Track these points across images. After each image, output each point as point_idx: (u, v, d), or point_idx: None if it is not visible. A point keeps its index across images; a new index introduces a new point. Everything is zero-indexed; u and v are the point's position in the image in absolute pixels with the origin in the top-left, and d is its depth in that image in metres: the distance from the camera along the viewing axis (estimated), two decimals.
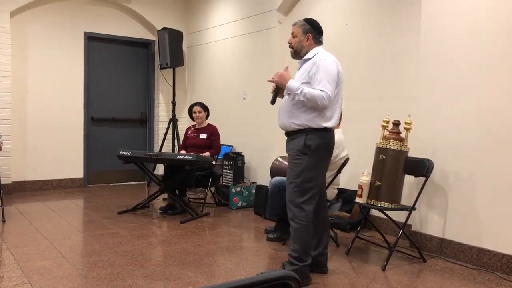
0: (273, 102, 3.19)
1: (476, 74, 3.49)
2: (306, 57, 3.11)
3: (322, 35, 3.19)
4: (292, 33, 3.16)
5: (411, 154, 3.60)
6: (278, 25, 5.60)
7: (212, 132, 5.35)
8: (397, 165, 3.49)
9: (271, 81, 3.11)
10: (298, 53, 3.17)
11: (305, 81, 2.99)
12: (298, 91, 2.92)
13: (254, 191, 5.42)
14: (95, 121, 6.92)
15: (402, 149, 3.49)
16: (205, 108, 5.46)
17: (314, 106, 2.92)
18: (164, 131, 6.77)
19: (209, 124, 5.48)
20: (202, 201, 5.26)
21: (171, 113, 6.75)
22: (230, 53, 6.42)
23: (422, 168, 3.60)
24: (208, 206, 5.40)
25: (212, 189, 5.54)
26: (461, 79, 3.58)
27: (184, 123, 7.10)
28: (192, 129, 5.50)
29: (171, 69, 6.80)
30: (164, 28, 6.67)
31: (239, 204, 5.44)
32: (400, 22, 4.27)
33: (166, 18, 7.15)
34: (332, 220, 4.40)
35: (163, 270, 3.24)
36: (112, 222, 4.63)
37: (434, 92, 3.78)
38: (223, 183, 5.81)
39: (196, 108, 5.43)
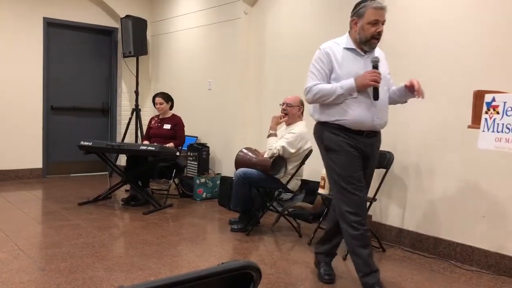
0: (377, 97, 2.64)
1: (436, 71, 3.59)
2: (377, 48, 2.76)
3: None
4: (384, 21, 2.64)
5: None
6: (244, 15, 5.57)
7: (176, 122, 5.29)
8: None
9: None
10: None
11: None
12: None
13: (218, 182, 5.41)
14: (55, 110, 6.71)
15: None
16: (168, 99, 5.39)
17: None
18: (126, 121, 6.64)
19: (173, 114, 5.41)
20: (165, 192, 5.22)
21: (134, 102, 6.63)
22: (196, 43, 6.35)
23: (383, 160, 3.68)
24: (172, 198, 5.35)
25: (176, 180, 5.49)
26: (421, 76, 3.67)
27: (148, 113, 6.99)
28: (156, 119, 5.43)
29: (135, 58, 6.67)
30: (127, 16, 6.52)
31: (204, 195, 5.42)
32: None
33: (130, 5, 6.98)
34: (295, 211, 4.46)
35: (125, 262, 3.19)
36: (73, 213, 4.53)
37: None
38: (187, 174, 5.77)
39: (158, 99, 5.35)
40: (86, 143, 4.81)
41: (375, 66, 2.62)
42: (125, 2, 6.97)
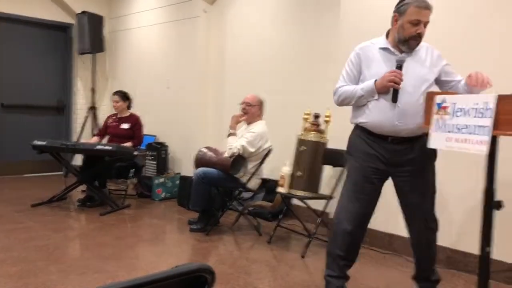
0: (396, 99, 2.44)
1: None
2: (418, 47, 2.52)
3: None
4: (427, 22, 2.44)
5: (329, 145, 3.74)
6: (204, 14, 5.53)
7: (135, 122, 5.19)
8: (317, 155, 3.61)
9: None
10: (418, 45, 2.49)
11: (432, 76, 2.50)
12: None
13: (178, 182, 5.36)
14: (7, 108, 6.44)
15: (322, 141, 3.62)
16: (125, 98, 5.27)
17: None
18: (83, 120, 6.47)
19: (131, 113, 5.31)
20: (123, 192, 5.11)
21: (90, 100, 6.46)
22: (154, 40, 6.26)
23: (340, 158, 3.74)
24: (130, 198, 5.25)
25: (134, 180, 5.39)
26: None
27: (105, 111, 6.83)
28: (114, 117, 5.30)
29: (91, 55, 6.50)
30: (83, 12, 6.35)
31: (163, 195, 5.36)
32: (324, 17, 4.39)
33: (86, 1, 6.77)
34: (254, 209, 4.48)
35: (80, 265, 3.11)
36: (25, 215, 4.36)
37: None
38: (146, 174, 5.68)
39: (114, 98, 5.23)
40: (39, 143, 4.65)
41: (398, 66, 2.43)
42: None
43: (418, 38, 2.42)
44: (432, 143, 2.20)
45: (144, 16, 6.39)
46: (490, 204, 2.01)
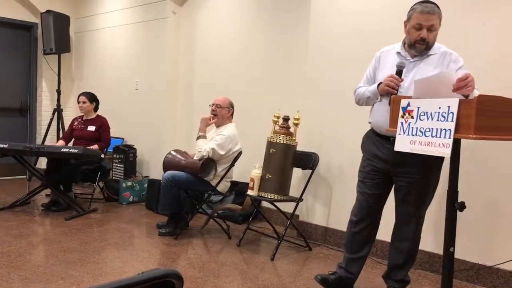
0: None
1: (361, 73, 3.74)
2: (432, 52, 2.53)
3: None
4: (432, 26, 2.45)
5: (299, 148, 3.77)
6: (173, 15, 5.49)
7: (101, 124, 5.09)
8: (286, 158, 3.63)
9: (465, 91, 2.17)
10: (428, 49, 2.51)
11: None
12: (477, 92, 2.23)
13: (146, 185, 5.29)
14: None
15: (291, 143, 3.64)
16: (93, 99, 5.16)
17: None
18: (47, 122, 6.29)
19: (98, 115, 5.20)
20: (89, 196, 5.00)
21: (55, 102, 6.29)
22: (122, 41, 6.16)
23: (309, 161, 3.79)
24: (97, 202, 5.14)
25: (101, 183, 5.29)
26: (345, 78, 3.82)
27: (71, 113, 6.68)
28: (79, 120, 5.19)
29: (56, 55, 6.33)
30: (48, 11, 6.17)
31: (130, 199, 5.27)
32: (293, 20, 4.43)
33: (51, 0, 6.62)
34: (224, 212, 4.47)
35: (44, 271, 3.02)
36: None
37: (320, 89, 3.99)
38: (113, 178, 5.58)
39: (81, 98, 5.11)
40: (1, 145, 4.49)
41: (397, 72, 2.50)
42: None
43: (421, 42, 2.48)
44: (397, 146, 2.25)
45: (112, 16, 6.29)
46: (454, 205, 2.07)
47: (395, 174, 2.64)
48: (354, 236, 2.82)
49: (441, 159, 2.56)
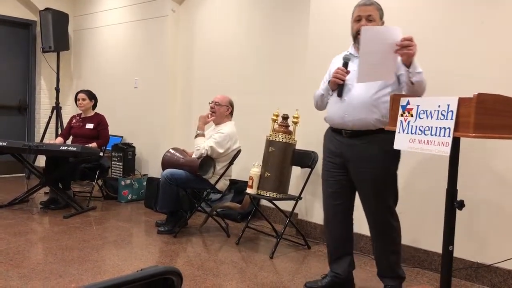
0: (340, 94, 2.63)
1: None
2: None
3: None
4: (370, 16, 2.55)
5: (298, 146, 3.77)
6: (172, 13, 5.48)
7: (100, 122, 5.08)
8: (285, 157, 3.63)
9: (406, 53, 2.30)
10: None
11: None
12: (420, 69, 2.34)
13: (145, 183, 5.28)
14: None
15: (290, 142, 3.64)
16: (92, 97, 5.16)
17: (422, 91, 2.43)
18: (46, 120, 6.29)
19: (96, 113, 5.19)
20: (88, 194, 5.00)
21: (54, 100, 6.29)
22: (121, 39, 6.15)
23: (308, 159, 3.79)
24: (95, 200, 5.14)
25: (100, 181, 5.28)
26: None
27: (69, 111, 6.67)
28: (78, 118, 5.18)
29: (55, 53, 6.33)
30: (47, 9, 6.17)
31: (129, 197, 5.27)
32: (292, 20, 4.42)
33: None
34: (223, 211, 4.47)
35: (43, 269, 3.02)
36: None
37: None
38: (112, 176, 5.57)
39: (80, 95, 5.11)
40: (0, 143, 4.49)
41: (344, 64, 2.63)
42: None
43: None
44: (396, 145, 2.25)
45: (111, 14, 6.28)
46: (453, 204, 2.06)
47: (353, 170, 2.66)
48: (330, 234, 2.86)
49: (397, 151, 2.55)
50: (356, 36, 2.58)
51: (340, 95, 2.62)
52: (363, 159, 2.60)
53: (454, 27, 3.24)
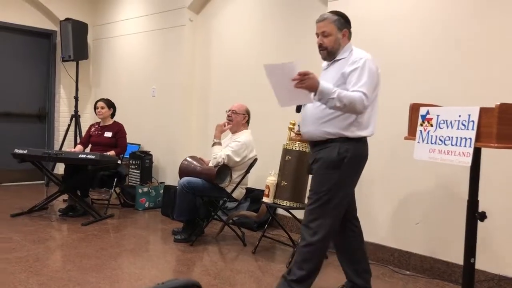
0: (299, 109, 2.78)
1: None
2: (339, 57, 2.64)
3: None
4: (323, 32, 2.63)
5: None
6: (189, 22, 5.53)
7: (118, 130, 5.14)
8: (302, 165, 3.60)
9: (300, 87, 2.42)
10: (333, 54, 2.65)
11: (340, 83, 2.53)
12: (334, 95, 2.39)
13: (162, 191, 5.31)
14: None
15: (307, 151, 3.62)
16: (110, 105, 5.23)
17: (352, 111, 2.46)
18: (65, 128, 6.38)
19: (114, 121, 5.26)
20: (106, 202, 5.04)
21: (73, 108, 6.38)
22: (139, 48, 6.22)
23: None
24: (113, 208, 5.18)
25: (117, 189, 5.33)
26: None
27: (88, 119, 6.76)
28: (96, 126, 5.25)
29: (75, 62, 6.43)
30: (67, 19, 6.28)
31: (146, 205, 5.30)
32: (307, 28, 4.41)
33: (70, 8, 6.72)
34: (239, 219, 4.46)
35: (61, 277, 3.05)
36: (4, 226, 4.26)
37: None
38: (129, 183, 5.61)
39: (99, 104, 5.19)
40: (20, 151, 4.56)
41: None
42: (64, 5, 6.71)
43: (320, 48, 2.68)
44: (416, 155, 2.22)
45: (129, 24, 6.36)
46: (475, 215, 2.03)
47: None
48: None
49: (339, 163, 2.54)
50: (320, 52, 2.70)
51: (298, 109, 2.79)
52: (315, 164, 2.66)
53: (471, 34, 3.20)
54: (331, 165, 2.55)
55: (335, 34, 2.62)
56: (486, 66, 3.14)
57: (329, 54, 2.66)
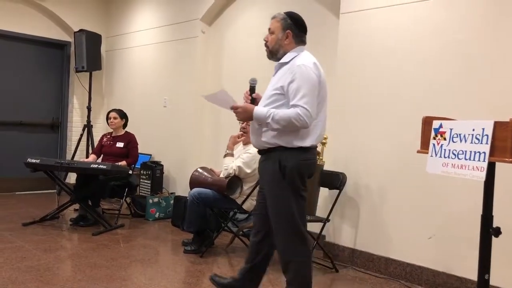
0: None
1: (388, 93, 3.71)
2: (283, 60, 2.62)
3: (305, 33, 2.70)
4: (269, 29, 2.67)
5: (326, 167, 3.73)
6: (202, 34, 5.58)
7: (130, 140, 5.17)
8: (313, 178, 3.59)
9: (238, 119, 2.77)
10: (274, 54, 2.66)
11: (278, 92, 2.53)
12: (269, 119, 2.42)
13: (172, 202, 5.31)
14: (1, 125, 6.41)
15: (318, 163, 3.61)
16: (123, 116, 5.27)
17: (294, 128, 2.44)
18: (77, 138, 6.44)
19: (126, 132, 5.29)
20: (117, 212, 5.06)
21: (86, 118, 6.44)
22: (152, 59, 6.28)
23: (336, 181, 3.74)
24: (123, 218, 5.19)
25: (128, 199, 5.34)
26: (373, 98, 3.78)
27: (100, 129, 6.82)
28: (108, 136, 5.29)
29: (88, 73, 6.51)
30: (81, 30, 6.38)
31: (156, 215, 5.30)
32: (320, 38, 4.43)
33: (84, 19, 6.83)
34: (249, 231, 4.43)
35: (72, 286, 3.05)
36: (16, 234, 4.30)
37: (347, 109, 3.96)
38: (140, 194, 5.63)
39: (112, 114, 5.23)
40: (33, 160, 4.60)
41: (250, 88, 2.82)
42: (78, 16, 6.81)
43: (264, 45, 2.72)
44: (428, 168, 2.20)
45: (142, 35, 6.43)
46: (489, 231, 2.00)
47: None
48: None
49: (282, 172, 2.51)
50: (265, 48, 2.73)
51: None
52: (262, 176, 2.70)
53: (487, 41, 3.18)
54: (275, 175, 2.54)
55: (277, 33, 2.63)
56: (501, 79, 3.11)
57: (270, 53, 2.69)
